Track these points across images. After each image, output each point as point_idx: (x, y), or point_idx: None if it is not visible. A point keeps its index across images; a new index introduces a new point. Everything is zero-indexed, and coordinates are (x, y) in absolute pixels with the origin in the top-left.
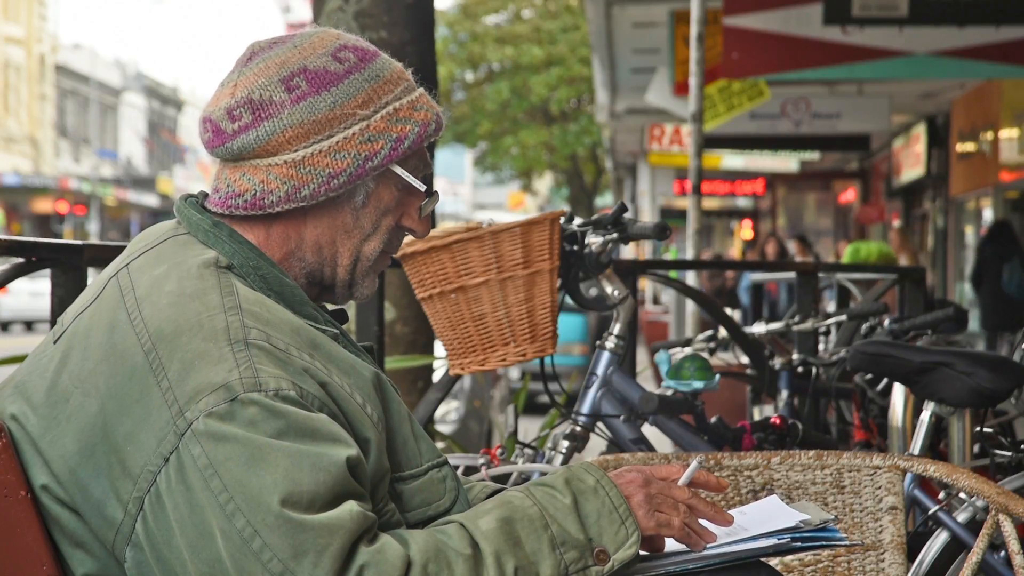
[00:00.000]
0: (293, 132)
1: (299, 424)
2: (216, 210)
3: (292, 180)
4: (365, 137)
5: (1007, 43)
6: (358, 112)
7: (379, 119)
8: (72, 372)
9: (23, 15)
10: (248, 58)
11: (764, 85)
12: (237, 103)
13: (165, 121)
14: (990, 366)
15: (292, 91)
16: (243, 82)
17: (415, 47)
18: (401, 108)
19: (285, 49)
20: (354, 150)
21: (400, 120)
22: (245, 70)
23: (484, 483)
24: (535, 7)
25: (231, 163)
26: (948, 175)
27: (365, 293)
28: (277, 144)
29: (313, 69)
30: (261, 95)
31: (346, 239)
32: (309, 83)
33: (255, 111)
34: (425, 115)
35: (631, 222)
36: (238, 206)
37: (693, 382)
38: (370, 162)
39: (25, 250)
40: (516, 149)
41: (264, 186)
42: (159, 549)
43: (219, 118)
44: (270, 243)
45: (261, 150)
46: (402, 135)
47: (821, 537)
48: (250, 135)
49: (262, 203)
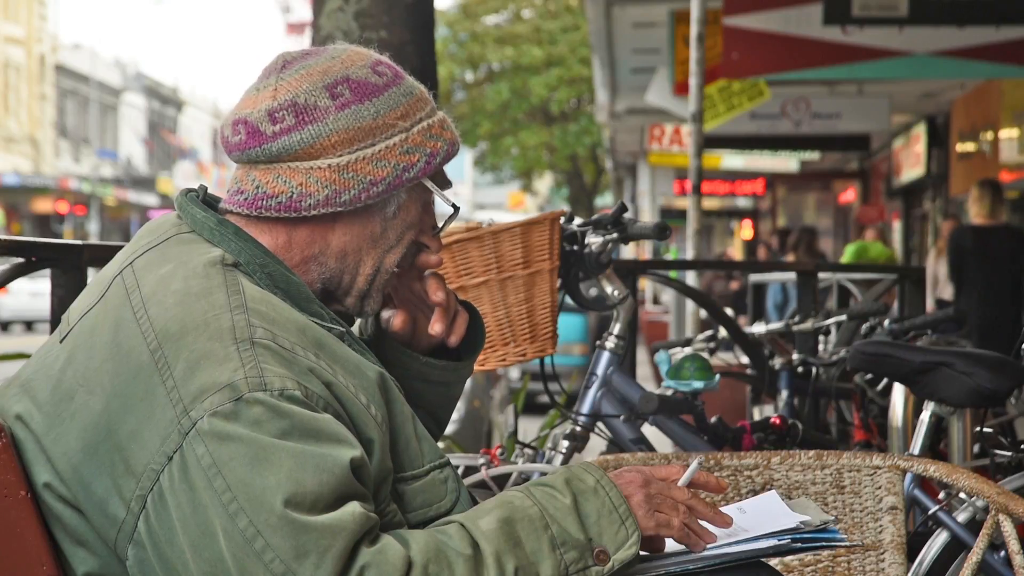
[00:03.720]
0: (338, 137)
1: (304, 424)
2: (240, 211)
3: (334, 184)
4: (404, 148)
5: (1007, 43)
6: (399, 123)
7: (416, 132)
8: (77, 370)
9: (23, 15)
10: (282, 66)
11: (764, 85)
12: (280, 106)
13: (165, 121)
14: (990, 366)
15: (336, 98)
16: (284, 87)
17: (415, 47)
18: (433, 125)
19: (324, 59)
20: (394, 160)
21: (433, 136)
22: (284, 75)
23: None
24: (535, 7)
25: (262, 165)
26: (948, 175)
27: (374, 308)
28: (321, 148)
29: (356, 79)
30: (306, 99)
31: (371, 249)
32: (353, 92)
33: (299, 114)
34: (452, 135)
35: (631, 222)
36: (270, 207)
37: (693, 382)
38: (407, 173)
39: (25, 250)
40: (516, 149)
41: (303, 189)
42: (161, 548)
43: (258, 120)
44: (291, 245)
45: (303, 153)
46: (435, 151)
47: (821, 538)
48: (293, 137)
49: (298, 205)
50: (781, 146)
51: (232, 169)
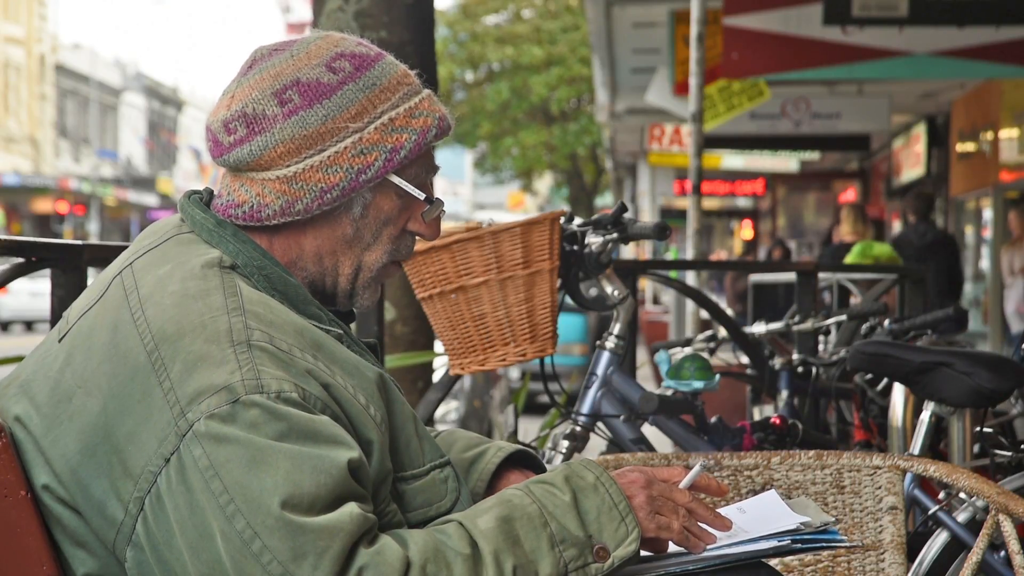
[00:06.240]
0: (285, 147)
1: (301, 426)
2: (224, 217)
3: (286, 195)
4: (358, 150)
5: (1007, 43)
6: (350, 125)
7: (372, 131)
8: (75, 371)
9: (23, 15)
10: (249, 66)
11: (764, 85)
12: (232, 116)
13: (165, 121)
14: (990, 366)
15: (284, 104)
16: (239, 94)
17: (415, 47)
18: (397, 117)
19: (283, 59)
20: (347, 164)
21: (396, 130)
22: (243, 80)
23: (498, 446)
24: (535, 7)
25: (231, 172)
26: (948, 175)
27: (366, 303)
28: (270, 159)
29: (306, 81)
30: (255, 109)
31: (346, 250)
32: (301, 96)
33: (249, 125)
34: (424, 122)
35: (631, 222)
36: (237, 216)
37: (693, 382)
38: (363, 175)
39: (25, 250)
40: (516, 149)
41: (260, 199)
42: (159, 549)
43: (217, 129)
44: (273, 250)
45: (256, 164)
46: (397, 145)
47: (821, 539)
48: (244, 149)
49: (259, 215)
50: (781, 146)
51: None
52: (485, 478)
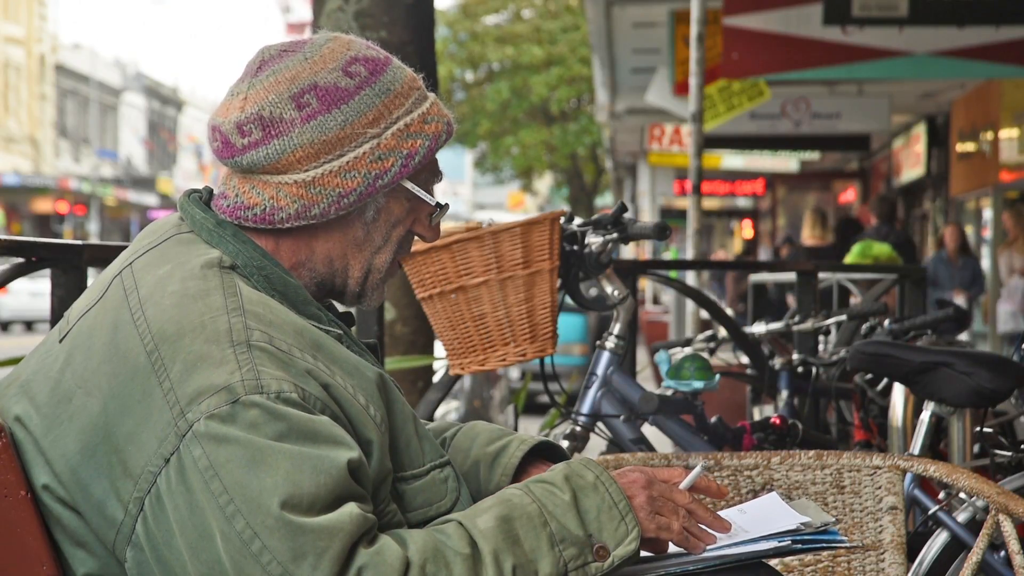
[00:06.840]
0: (303, 152)
1: (300, 426)
2: (224, 218)
3: (302, 199)
4: (376, 156)
5: (1007, 43)
6: (368, 131)
7: (389, 136)
8: (75, 371)
9: (23, 15)
10: (258, 67)
11: (764, 85)
12: (247, 118)
13: (165, 121)
14: (990, 366)
15: (302, 109)
16: (253, 96)
17: (415, 47)
18: (412, 123)
19: (296, 61)
20: (364, 169)
21: (411, 135)
22: (255, 81)
23: (521, 439)
24: (535, 7)
25: (239, 174)
26: (948, 175)
27: (374, 303)
28: (287, 163)
29: (324, 85)
30: (271, 112)
31: (357, 252)
32: (320, 100)
33: (265, 128)
34: (436, 127)
35: (631, 222)
36: (248, 218)
37: (693, 382)
38: (380, 180)
39: (25, 250)
40: (516, 149)
41: (274, 202)
42: (159, 550)
43: (229, 131)
44: (279, 253)
45: (271, 167)
46: (412, 151)
47: (822, 539)
48: (260, 152)
49: (272, 218)
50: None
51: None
52: (509, 472)
